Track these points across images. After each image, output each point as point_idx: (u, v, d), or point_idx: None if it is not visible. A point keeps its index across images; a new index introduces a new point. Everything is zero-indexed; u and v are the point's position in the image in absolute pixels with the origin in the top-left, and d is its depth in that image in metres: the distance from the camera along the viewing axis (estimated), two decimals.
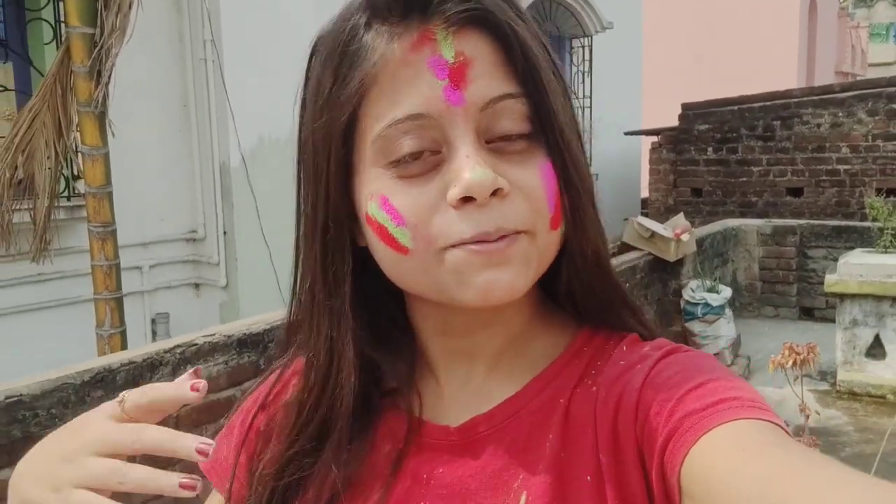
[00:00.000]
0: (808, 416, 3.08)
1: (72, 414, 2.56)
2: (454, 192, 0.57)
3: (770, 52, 14.30)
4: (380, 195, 0.60)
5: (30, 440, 2.44)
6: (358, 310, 0.65)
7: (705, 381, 0.57)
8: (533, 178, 0.60)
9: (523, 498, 0.61)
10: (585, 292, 0.67)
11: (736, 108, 9.01)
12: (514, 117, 0.59)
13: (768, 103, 8.86)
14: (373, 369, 0.68)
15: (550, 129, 0.60)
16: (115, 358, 2.82)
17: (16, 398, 2.41)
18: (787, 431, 0.53)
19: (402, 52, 0.58)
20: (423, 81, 0.58)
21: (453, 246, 0.58)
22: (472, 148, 0.58)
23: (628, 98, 9.82)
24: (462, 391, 0.68)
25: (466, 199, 0.57)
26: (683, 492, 0.52)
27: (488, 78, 0.58)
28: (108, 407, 0.58)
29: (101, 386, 2.65)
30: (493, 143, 0.59)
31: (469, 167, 0.57)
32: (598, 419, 0.60)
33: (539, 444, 0.62)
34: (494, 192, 0.57)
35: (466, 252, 0.58)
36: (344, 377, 0.65)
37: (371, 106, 0.59)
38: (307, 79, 0.65)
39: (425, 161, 0.59)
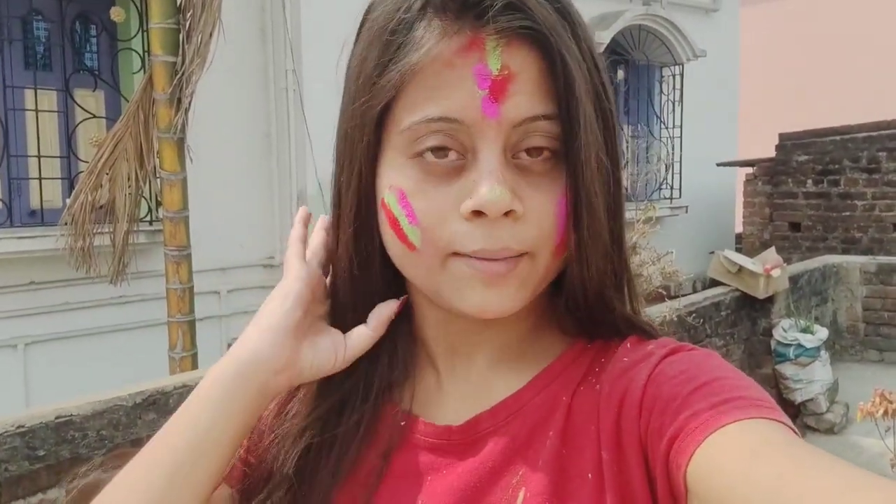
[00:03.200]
0: None
1: (121, 437, 2.55)
2: (468, 205, 0.58)
3: (876, 80, 13.63)
4: (399, 189, 0.61)
5: (78, 461, 2.44)
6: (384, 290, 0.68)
7: (712, 379, 0.56)
8: (549, 205, 0.60)
9: (521, 494, 0.61)
10: (588, 317, 0.66)
11: (838, 138, 8.56)
12: (544, 139, 0.60)
13: (874, 133, 8.37)
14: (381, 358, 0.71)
15: (574, 159, 0.60)
16: (170, 381, 2.81)
17: (66, 418, 2.43)
18: (795, 432, 0.53)
19: (450, 53, 0.58)
20: (465, 87, 0.58)
21: (457, 254, 0.60)
22: (497, 163, 0.58)
23: (722, 128, 9.47)
24: (463, 384, 0.69)
25: (479, 213, 0.58)
26: (690, 491, 0.52)
27: (528, 96, 0.58)
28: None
29: (154, 409, 2.64)
30: (519, 158, 0.60)
31: (489, 184, 0.57)
32: (601, 415, 0.60)
33: (540, 441, 0.63)
34: (507, 213, 0.58)
35: (468, 266, 0.60)
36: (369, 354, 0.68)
37: (408, 97, 0.59)
38: (354, 48, 0.65)
39: (448, 161, 0.60)
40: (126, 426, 2.55)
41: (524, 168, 0.60)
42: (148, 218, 4.64)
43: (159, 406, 2.66)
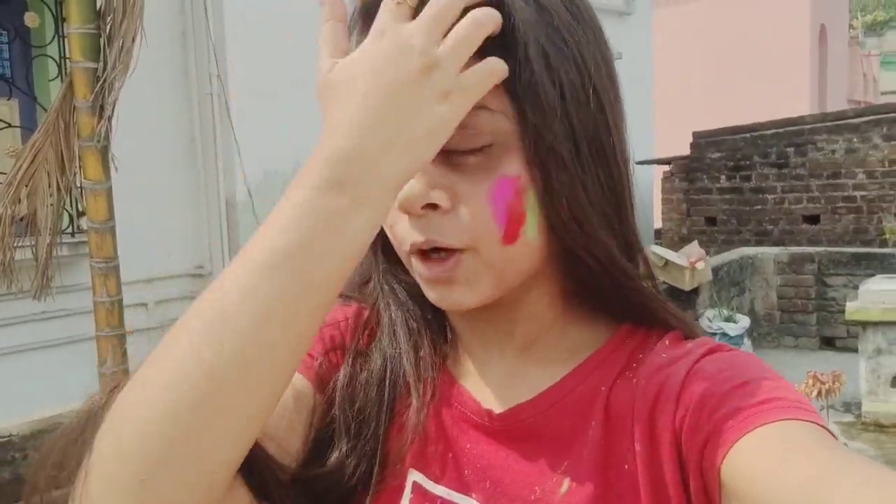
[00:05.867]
0: None
1: (66, 457, 2.46)
2: (394, 205, 0.58)
3: (781, 81, 14.27)
4: None
5: (19, 482, 2.34)
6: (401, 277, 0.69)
7: (750, 379, 0.56)
8: (481, 193, 0.58)
9: (566, 483, 0.61)
10: (607, 295, 0.66)
11: (748, 135, 8.94)
12: (464, 133, 0.57)
13: (781, 130, 8.79)
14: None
15: (529, 138, 0.58)
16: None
17: (5, 439, 2.33)
18: (833, 435, 0.53)
19: None
20: None
21: (411, 253, 0.62)
22: None
23: (639, 127, 9.76)
24: (497, 374, 0.68)
25: (406, 211, 0.59)
26: (724, 488, 0.52)
27: None
28: None
29: (95, 427, 2.56)
30: (450, 155, 0.58)
31: (410, 181, 0.57)
32: (636, 408, 0.61)
33: (582, 433, 0.63)
34: (431, 207, 0.59)
35: (419, 266, 0.62)
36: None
37: None
38: None
39: None
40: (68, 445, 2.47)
41: (458, 164, 0.59)
42: (70, 230, 4.48)
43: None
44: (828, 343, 7.31)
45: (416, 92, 0.52)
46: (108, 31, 3.93)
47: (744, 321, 5.82)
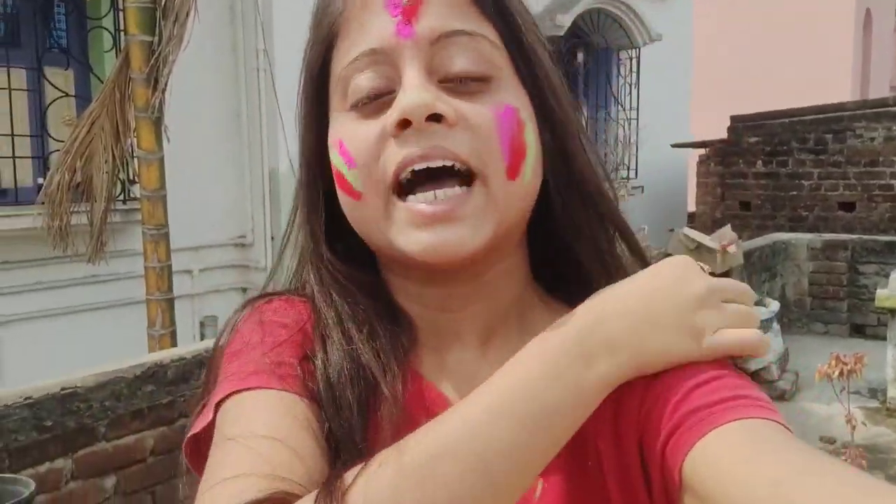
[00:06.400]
0: (853, 427, 3.02)
1: (123, 407, 2.64)
2: (391, 118, 0.57)
3: (823, 65, 14.06)
4: (338, 140, 0.61)
5: (83, 431, 2.52)
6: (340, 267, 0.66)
7: (713, 377, 0.55)
8: (485, 113, 0.58)
9: (539, 486, 0.60)
10: (571, 270, 0.66)
11: (787, 120, 8.88)
12: (469, 56, 0.59)
13: (820, 116, 8.72)
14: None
15: (524, 64, 0.61)
16: (167, 354, 2.90)
17: (71, 390, 2.50)
18: (790, 431, 0.52)
19: None
20: (379, 20, 0.59)
21: (398, 196, 0.58)
22: (417, 77, 0.58)
23: (676, 110, 9.75)
24: (457, 373, 0.65)
25: (405, 125, 0.57)
26: (684, 486, 0.51)
27: (442, 15, 0.59)
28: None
29: (153, 381, 2.73)
30: (448, 83, 0.59)
31: (408, 92, 0.57)
32: (599, 407, 0.58)
33: None
34: (436, 118, 0.57)
35: (408, 211, 0.58)
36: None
37: (338, 51, 0.62)
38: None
39: (381, 102, 0.59)
40: (128, 397, 2.64)
41: (455, 90, 0.59)
42: (121, 197, 4.66)
43: (157, 378, 2.75)
44: (858, 330, 7.31)
45: (682, 315, 0.56)
46: (163, 5, 4.08)
47: (773, 306, 5.86)
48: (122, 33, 4.48)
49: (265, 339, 0.62)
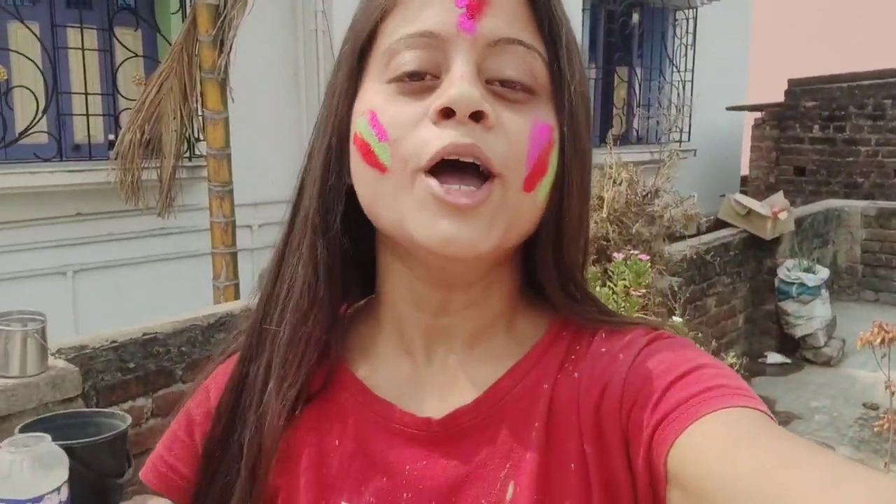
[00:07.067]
0: (892, 393, 3.09)
1: (198, 353, 2.85)
2: (436, 104, 0.57)
3: (884, 29, 13.63)
4: (370, 111, 0.60)
5: (162, 373, 2.74)
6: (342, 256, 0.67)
7: (691, 369, 0.57)
8: (522, 124, 0.59)
9: (511, 488, 0.60)
10: (557, 266, 0.65)
11: (845, 85, 8.71)
12: (521, 67, 0.59)
13: (880, 81, 8.53)
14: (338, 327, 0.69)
15: (565, 90, 0.61)
16: (236, 305, 3.09)
17: (152, 335, 2.71)
18: (773, 420, 0.53)
19: None
20: (442, 6, 0.59)
21: (425, 173, 0.58)
22: (469, 70, 0.58)
23: (733, 72, 9.61)
24: (441, 374, 0.67)
25: (447, 114, 0.57)
26: (670, 478, 0.52)
27: (505, 21, 0.59)
28: None
29: (224, 329, 2.93)
30: (493, 86, 0.59)
31: (458, 83, 0.57)
32: (581, 408, 0.60)
33: (525, 433, 0.62)
34: (478, 117, 0.57)
35: (432, 190, 0.57)
36: (316, 316, 0.66)
37: (389, 24, 0.61)
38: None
39: (424, 83, 0.59)
40: (202, 343, 2.84)
41: (499, 94, 0.59)
42: (188, 154, 4.87)
43: (228, 327, 2.95)
44: None
45: None
46: None
47: (823, 272, 5.86)
48: None
49: (182, 421, 0.73)
